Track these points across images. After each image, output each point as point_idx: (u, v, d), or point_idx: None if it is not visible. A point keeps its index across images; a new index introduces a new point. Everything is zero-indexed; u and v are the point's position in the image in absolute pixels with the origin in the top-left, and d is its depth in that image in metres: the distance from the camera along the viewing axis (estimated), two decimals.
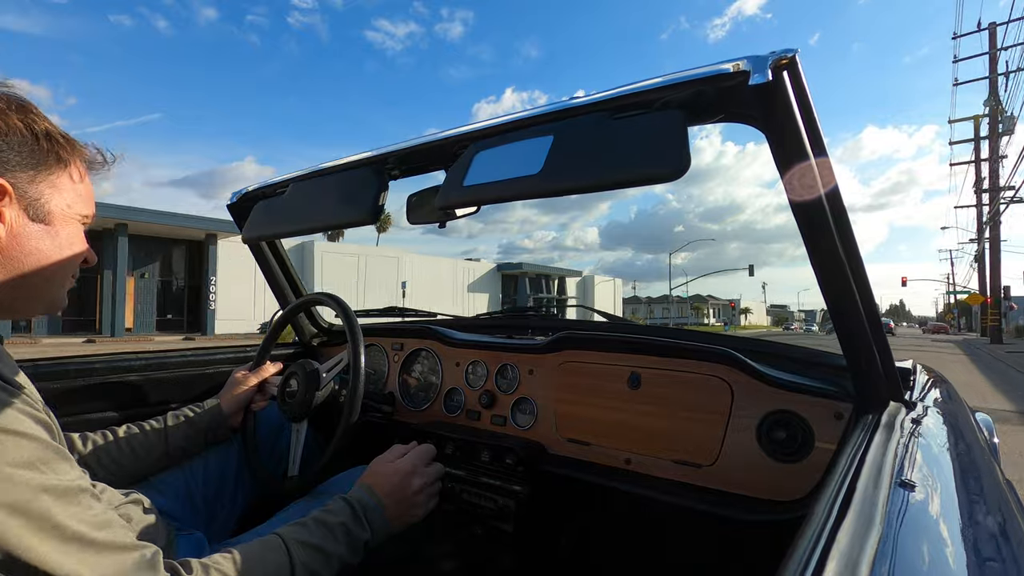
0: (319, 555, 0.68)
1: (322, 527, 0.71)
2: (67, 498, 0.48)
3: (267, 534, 0.69)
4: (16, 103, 0.58)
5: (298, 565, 0.65)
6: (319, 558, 0.68)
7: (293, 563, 0.65)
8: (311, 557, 0.67)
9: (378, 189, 0.94)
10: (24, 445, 0.47)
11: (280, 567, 0.64)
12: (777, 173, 0.64)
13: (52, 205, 0.60)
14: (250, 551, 0.62)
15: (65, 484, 0.49)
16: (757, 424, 0.93)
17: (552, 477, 1.09)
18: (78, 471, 0.53)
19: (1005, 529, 0.54)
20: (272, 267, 1.51)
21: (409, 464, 0.88)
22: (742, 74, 0.58)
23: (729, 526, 0.90)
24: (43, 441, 0.49)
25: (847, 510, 0.41)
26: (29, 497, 0.45)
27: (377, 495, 0.81)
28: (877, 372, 0.76)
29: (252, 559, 0.61)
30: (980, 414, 1.32)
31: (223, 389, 1.13)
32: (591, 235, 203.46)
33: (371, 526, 0.76)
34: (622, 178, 0.64)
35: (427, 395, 1.36)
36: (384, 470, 0.87)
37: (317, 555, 0.68)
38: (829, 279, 0.71)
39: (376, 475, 0.86)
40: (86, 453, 0.90)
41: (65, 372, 1.14)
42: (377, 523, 0.78)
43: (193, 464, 1.04)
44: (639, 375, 1.07)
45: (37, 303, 0.62)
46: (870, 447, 0.56)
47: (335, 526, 0.72)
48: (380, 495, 0.81)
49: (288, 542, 0.66)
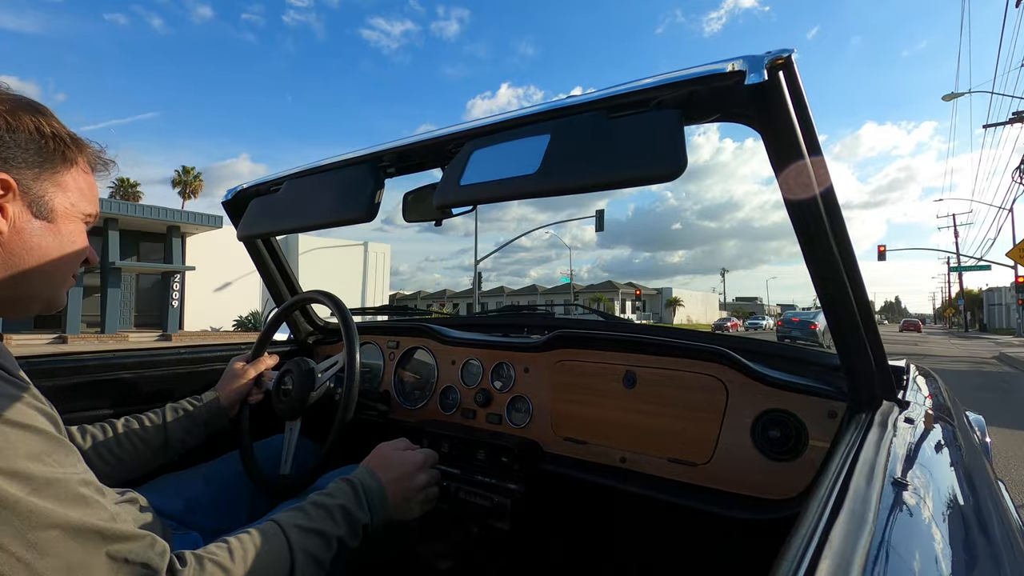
0: (318, 538, 0.67)
1: (320, 510, 0.70)
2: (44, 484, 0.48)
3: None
4: (25, 102, 0.58)
5: (297, 550, 0.63)
6: (319, 541, 0.66)
7: (292, 548, 0.63)
8: (310, 541, 0.66)
9: (374, 187, 0.93)
10: (31, 439, 0.47)
11: (278, 553, 0.62)
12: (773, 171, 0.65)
13: (56, 203, 0.60)
14: (245, 539, 0.61)
15: (70, 477, 0.49)
16: (752, 423, 0.93)
17: (548, 475, 1.09)
18: (83, 465, 0.53)
19: (996, 528, 0.54)
20: (268, 264, 1.50)
21: (421, 457, 0.87)
22: (738, 74, 0.58)
23: (723, 524, 0.91)
24: (49, 434, 0.49)
25: (840, 508, 0.41)
26: None
27: (379, 479, 0.80)
28: (870, 371, 0.76)
29: (248, 546, 0.60)
30: (972, 413, 1.33)
31: (221, 380, 1.14)
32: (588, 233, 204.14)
33: (371, 509, 0.75)
34: (619, 178, 0.64)
35: (423, 393, 1.36)
36: (392, 456, 0.85)
37: (316, 538, 0.66)
38: (823, 278, 0.71)
39: (382, 458, 0.84)
40: (86, 447, 0.90)
41: (60, 369, 1.13)
42: (378, 506, 0.76)
43: (192, 465, 1.03)
44: (635, 374, 1.07)
45: (36, 301, 0.62)
46: (863, 446, 0.56)
47: (334, 508, 0.71)
48: (383, 480, 0.80)
49: (285, 527, 0.65)
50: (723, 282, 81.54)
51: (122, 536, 0.49)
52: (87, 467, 0.53)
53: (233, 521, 1.00)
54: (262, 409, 1.20)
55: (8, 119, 0.56)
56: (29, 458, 0.46)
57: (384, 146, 0.96)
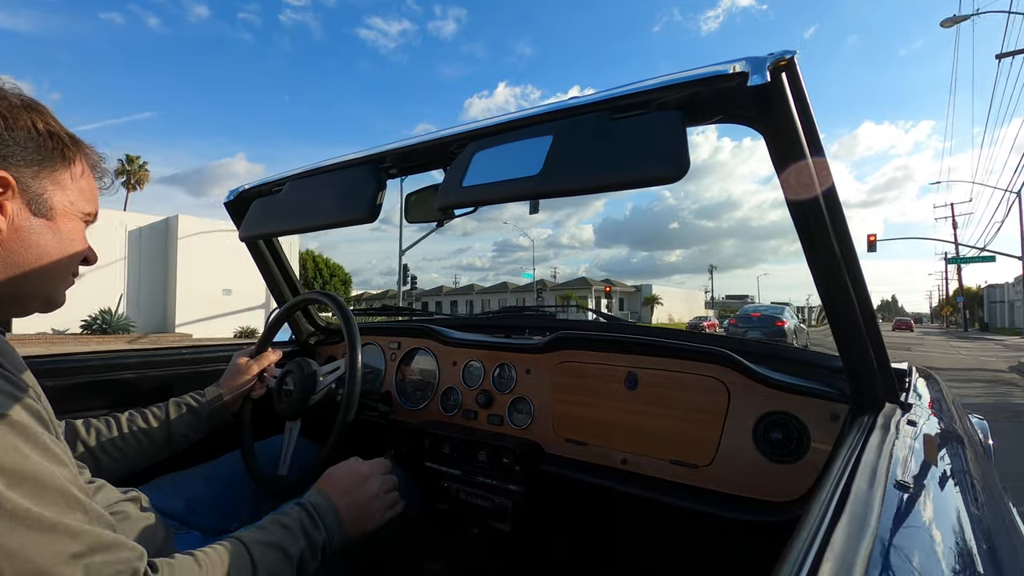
0: (279, 554, 0.67)
1: (280, 527, 0.71)
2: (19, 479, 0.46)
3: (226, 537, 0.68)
4: (25, 101, 0.58)
5: (260, 566, 0.64)
6: (280, 557, 0.67)
7: (254, 563, 0.64)
8: (272, 556, 0.66)
9: (376, 188, 0.94)
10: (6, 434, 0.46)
11: (241, 568, 0.63)
12: (773, 170, 0.65)
13: (55, 201, 0.60)
14: (211, 553, 0.62)
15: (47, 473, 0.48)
16: (753, 425, 0.93)
17: (549, 477, 1.09)
18: (68, 466, 0.52)
19: (999, 531, 0.54)
20: (270, 265, 1.51)
21: (366, 468, 0.87)
22: (741, 75, 0.58)
23: (724, 526, 0.91)
24: (29, 431, 0.48)
25: (842, 511, 0.41)
26: None
27: (330, 497, 0.80)
28: (873, 373, 0.76)
29: (214, 561, 0.61)
30: (975, 416, 1.33)
31: (224, 375, 1.15)
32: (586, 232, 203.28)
33: (326, 527, 0.75)
34: (621, 180, 0.64)
35: (424, 394, 1.36)
36: (338, 473, 0.85)
37: (277, 554, 0.67)
38: (825, 280, 0.71)
39: (330, 477, 0.84)
40: (90, 441, 0.90)
41: (62, 369, 1.14)
42: (332, 524, 0.77)
43: (193, 465, 1.04)
44: (636, 375, 1.07)
45: (35, 299, 0.63)
46: (866, 448, 0.56)
47: (293, 526, 0.72)
48: (332, 497, 0.80)
49: (247, 543, 0.66)
50: (711, 279, 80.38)
51: (97, 545, 0.49)
52: (73, 467, 0.53)
53: (234, 521, 1.00)
54: (263, 409, 1.20)
55: (7, 117, 0.56)
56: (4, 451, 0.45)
57: (386, 147, 0.96)
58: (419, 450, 1.21)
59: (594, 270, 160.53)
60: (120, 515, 0.73)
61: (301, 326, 1.62)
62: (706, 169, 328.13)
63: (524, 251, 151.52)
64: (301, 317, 1.61)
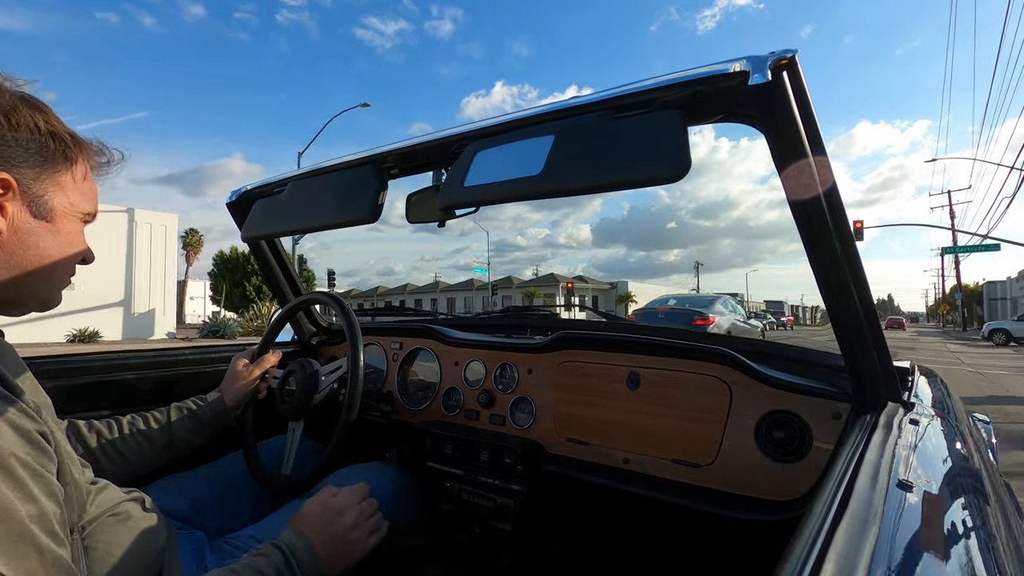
0: None
1: (254, 573, 0.68)
2: None
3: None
4: (27, 101, 0.58)
5: None
6: None
7: None
8: None
9: (377, 188, 0.94)
10: None
11: None
12: (772, 169, 0.65)
13: (55, 202, 0.60)
14: None
15: None
16: (755, 424, 0.93)
17: (551, 476, 1.09)
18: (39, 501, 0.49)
19: (1002, 530, 0.54)
20: (271, 266, 1.51)
21: (340, 501, 0.85)
22: (742, 74, 0.58)
23: (726, 525, 0.91)
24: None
25: (844, 510, 0.41)
26: None
27: (305, 537, 0.78)
28: (875, 372, 0.76)
29: None
30: (978, 415, 1.33)
31: (224, 379, 1.15)
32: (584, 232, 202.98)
33: (301, 569, 0.73)
34: (622, 179, 0.64)
35: (426, 394, 1.36)
36: (313, 510, 0.83)
37: None
38: (827, 279, 0.71)
39: (306, 516, 0.82)
40: (91, 442, 0.90)
41: (64, 370, 1.14)
42: (308, 564, 0.74)
43: (196, 465, 1.04)
44: (638, 375, 1.07)
45: (33, 300, 0.62)
46: (868, 447, 0.56)
47: (268, 571, 0.69)
48: (308, 535, 0.78)
49: None
50: (696, 277, 79.03)
51: None
52: (53, 501, 0.50)
53: (237, 521, 1.01)
54: (265, 409, 1.20)
55: (10, 118, 0.55)
56: None
57: (387, 147, 0.96)
58: (421, 450, 1.21)
59: (591, 270, 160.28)
60: (123, 515, 0.73)
61: (303, 326, 1.63)
62: (703, 168, 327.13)
63: (521, 251, 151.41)
64: (303, 317, 1.61)
